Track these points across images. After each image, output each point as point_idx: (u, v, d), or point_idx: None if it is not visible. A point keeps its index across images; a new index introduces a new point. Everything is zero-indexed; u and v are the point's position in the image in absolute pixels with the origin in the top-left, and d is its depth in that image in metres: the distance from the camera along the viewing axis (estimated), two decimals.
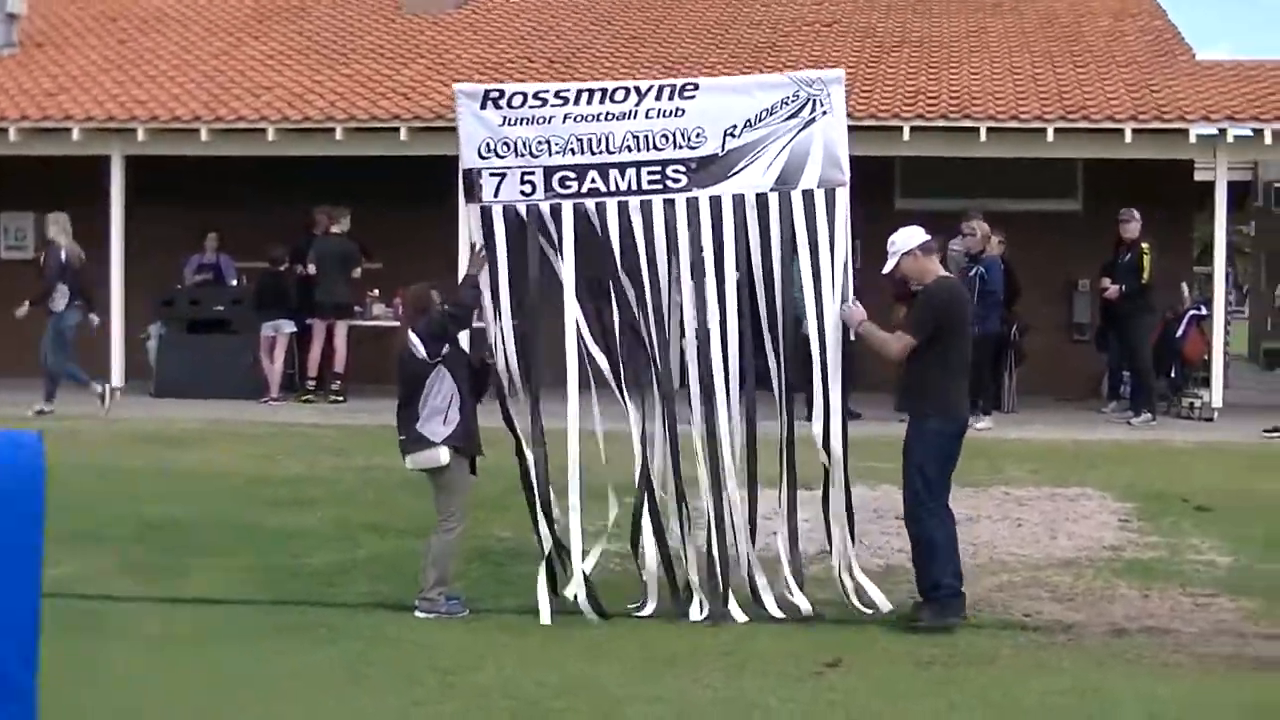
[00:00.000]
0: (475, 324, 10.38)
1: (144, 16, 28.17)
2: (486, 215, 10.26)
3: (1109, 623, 10.28)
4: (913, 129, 20.83)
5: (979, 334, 19.27)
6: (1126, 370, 21.18)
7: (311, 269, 21.78)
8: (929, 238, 10.46)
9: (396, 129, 21.32)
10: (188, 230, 23.60)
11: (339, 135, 21.70)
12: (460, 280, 10.43)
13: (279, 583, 10.98)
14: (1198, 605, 10.73)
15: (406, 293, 10.78)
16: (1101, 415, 21.15)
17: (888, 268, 10.34)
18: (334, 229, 21.79)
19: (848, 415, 10.46)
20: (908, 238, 10.33)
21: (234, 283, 23.45)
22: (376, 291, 22.22)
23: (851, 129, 19.78)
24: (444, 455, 10.10)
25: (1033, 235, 22.30)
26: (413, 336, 10.08)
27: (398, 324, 11.02)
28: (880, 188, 22.61)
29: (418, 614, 10.06)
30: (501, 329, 10.21)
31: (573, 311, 10.24)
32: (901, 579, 11.16)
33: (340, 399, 21.45)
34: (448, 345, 10.09)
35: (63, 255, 20.26)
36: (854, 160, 20.22)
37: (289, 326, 21.93)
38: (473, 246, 10.43)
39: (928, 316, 10.16)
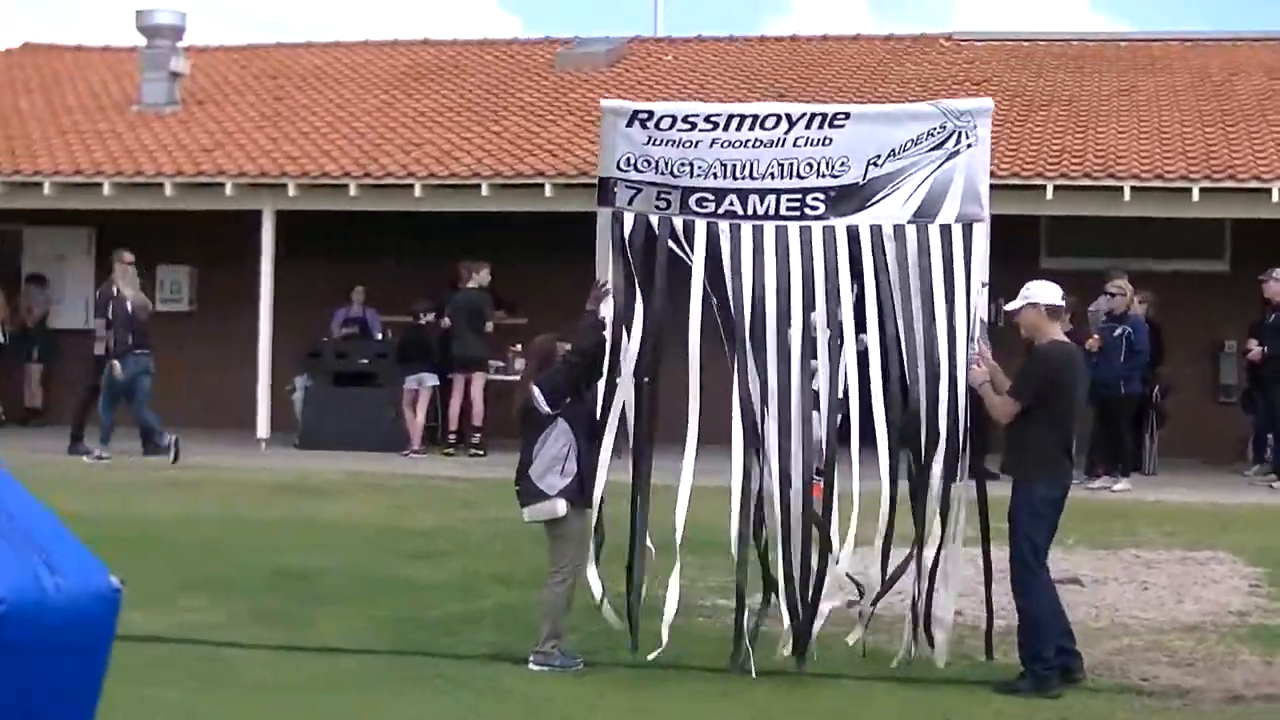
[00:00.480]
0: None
1: (302, 74, 28.78)
2: (618, 221, 10.06)
3: (1227, 689, 10.18)
4: (1056, 188, 20.76)
5: (1123, 394, 19.25)
6: (1270, 433, 20.89)
7: (446, 322, 22.14)
8: (1060, 303, 10.27)
9: (541, 185, 21.59)
10: (335, 284, 24.01)
11: (485, 191, 22.02)
12: (581, 320, 10.37)
13: (402, 633, 11.17)
14: None
15: (533, 344, 10.84)
16: (1244, 478, 20.89)
17: (1013, 306, 10.18)
18: (471, 283, 22.11)
19: (984, 475, 10.34)
20: (1041, 290, 10.16)
21: (379, 336, 23.85)
22: (519, 346, 22.46)
23: (995, 187, 19.95)
24: (561, 507, 10.12)
25: (1179, 295, 22.12)
26: (534, 388, 10.17)
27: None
28: (1026, 247, 22.52)
29: (532, 666, 10.13)
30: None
31: (695, 335, 9.96)
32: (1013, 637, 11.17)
33: (480, 453, 21.71)
34: (569, 397, 10.14)
35: (128, 306, 20.84)
36: (998, 219, 20.29)
37: (431, 379, 22.28)
38: (596, 282, 10.31)
39: (1033, 379, 10.02)
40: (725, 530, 9.96)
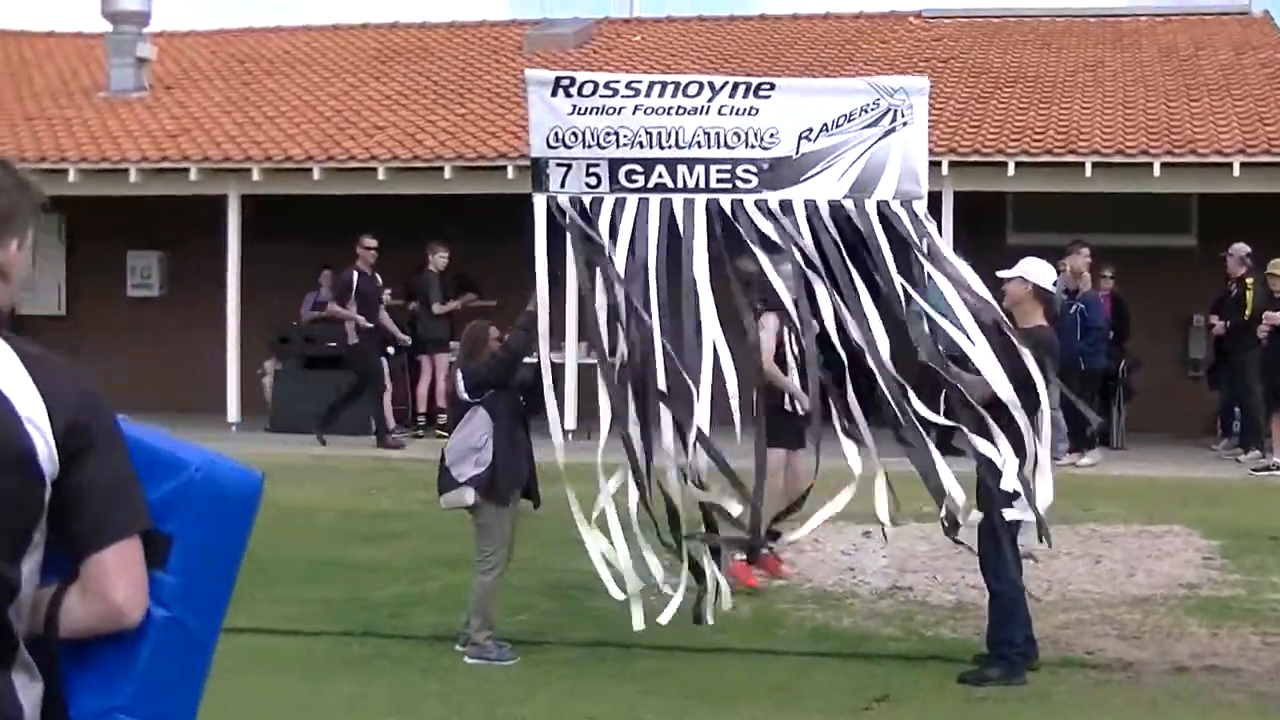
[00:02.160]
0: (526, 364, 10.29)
1: (271, 58, 28.70)
2: (550, 206, 9.89)
3: (1172, 661, 10.21)
4: (1018, 164, 20.74)
5: (1082, 369, 19.20)
6: (1237, 407, 20.88)
7: (413, 305, 22.12)
8: (1050, 289, 10.20)
9: (504, 167, 21.53)
10: (304, 268, 23.91)
11: (447, 174, 21.96)
12: (520, 316, 10.27)
13: (348, 614, 11.16)
14: (1267, 644, 10.62)
15: (465, 330, 10.72)
16: (1213, 453, 20.88)
17: (1006, 273, 10.07)
18: (430, 266, 22.06)
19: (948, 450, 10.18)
20: (1037, 270, 10.09)
21: None
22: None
23: (958, 164, 20.31)
24: (469, 496, 9.99)
25: (1147, 270, 22.08)
26: (458, 375, 10.14)
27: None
28: (992, 223, 22.53)
29: (467, 660, 9.98)
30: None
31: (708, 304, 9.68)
32: (969, 615, 11.17)
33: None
34: (493, 389, 10.04)
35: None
36: (963, 195, 20.35)
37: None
38: (535, 286, 10.16)
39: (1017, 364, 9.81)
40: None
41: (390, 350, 21.91)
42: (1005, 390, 9.30)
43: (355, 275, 21.12)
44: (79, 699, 3.25)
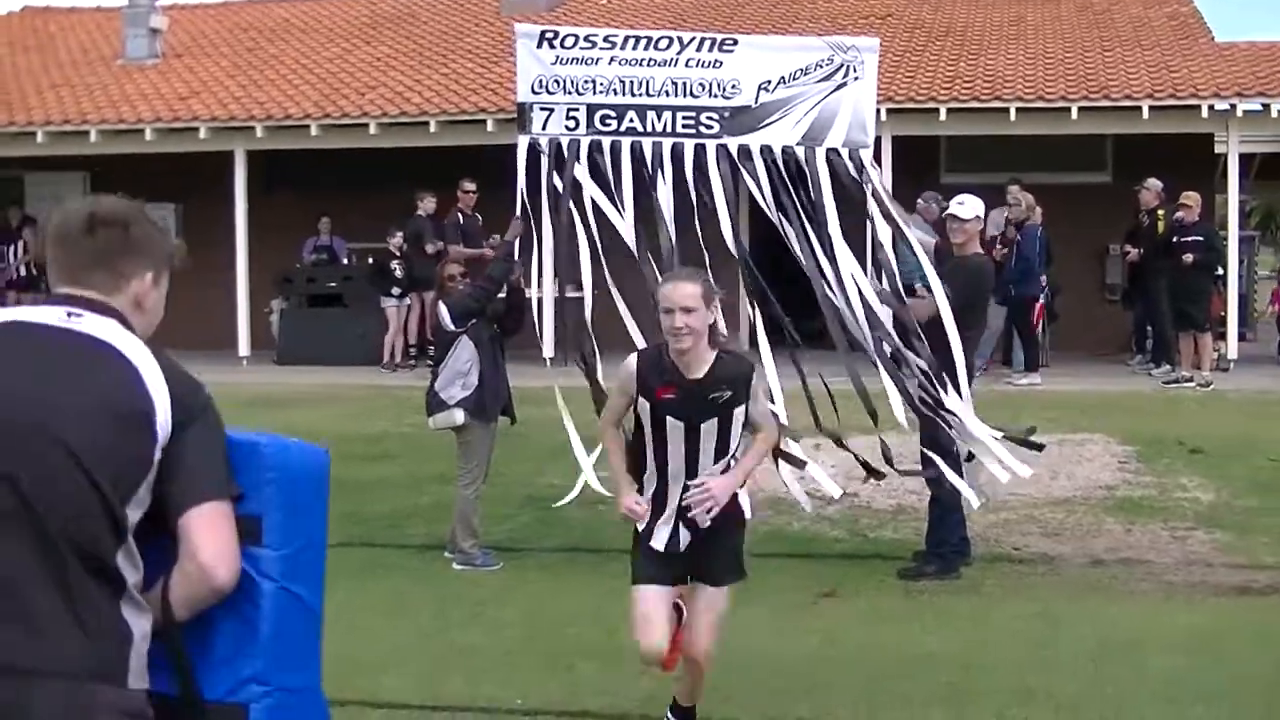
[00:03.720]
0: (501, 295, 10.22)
1: (272, 26, 28.48)
2: (533, 148, 9.87)
3: (1090, 555, 10.21)
4: (949, 110, 20.68)
5: (1015, 296, 19.17)
6: (1150, 326, 20.89)
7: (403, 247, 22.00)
8: (978, 218, 10.13)
9: (484, 121, 21.39)
10: (304, 216, 23.77)
11: (433, 128, 21.83)
12: (499, 248, 10.25)
13: (345, 527, 11.04)
14: (1175, 538, 10.63)
15: (439, 268, 10.72)
16: (1128, 368, 20.90)
17: (966, 213, 9.97)
18: (419, 211, 21.87)
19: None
20: (959, 205, 10.05)
21: (345, 261, 23.66)
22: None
23: (895, 111, 20.25)
24: (459, 416, 9.96)
25: (1068, 205, 22.00)
26: (441, 308, 10.08)
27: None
28: (928, 164, 22.46)
29: (455, 566, 9.97)
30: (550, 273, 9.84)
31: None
32: (909, 518, 11.15)
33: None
34: (475, 318, 10.01)
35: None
36: (900, 139, 20.29)
37: (392, 301, 22.06)
38: (515, 217, 10.12)
39: (966, 289, 9.76)
40: None
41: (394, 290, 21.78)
42: (944, 311, 9.34)
43: (459, 216, 20.85)
44: (212, 680, 3.26)
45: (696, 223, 9.73)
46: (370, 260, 23.05)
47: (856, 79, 9.85)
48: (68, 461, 3.12)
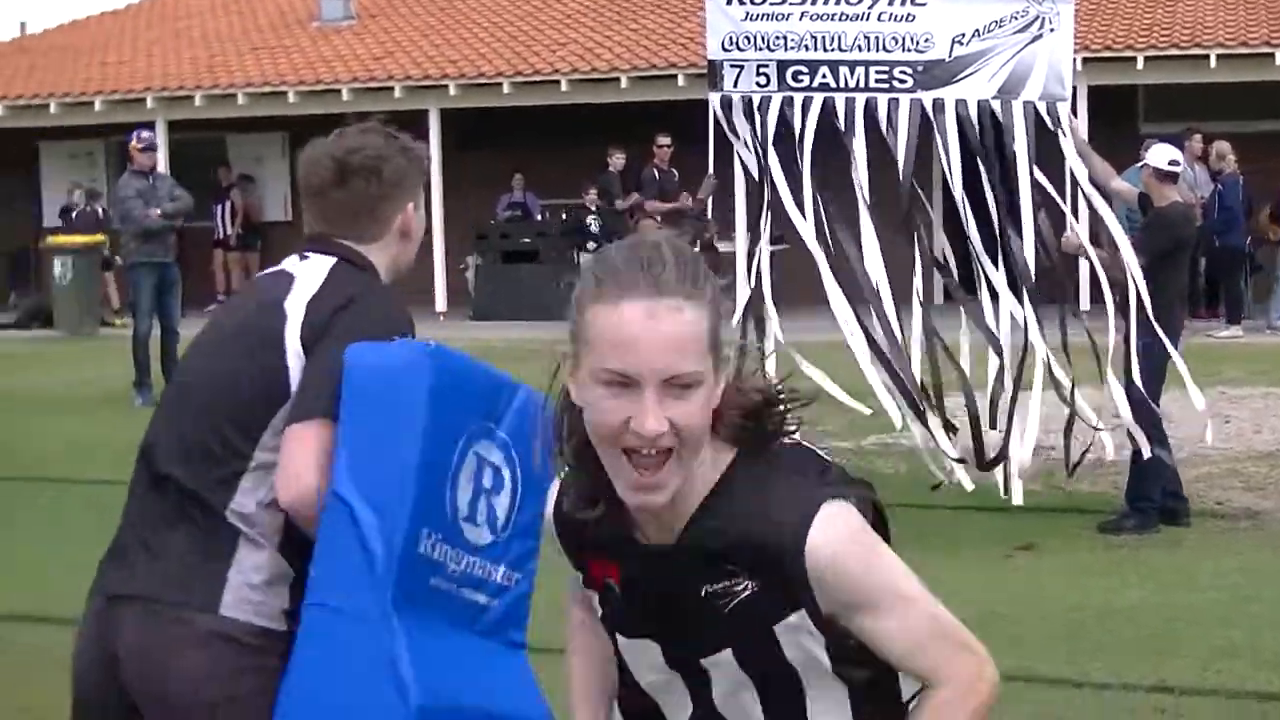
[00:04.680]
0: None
1: None
2: (726, 104, 9.83)
3: None
4: (1146, 58, 20.27)
5: (1217, 247, 18.78)
6: None
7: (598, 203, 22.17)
8: (1170, 168, 9.83)
9: (675, 76, 21.43)
10: (498, 172, 24.02)
11: (624, 84, 21.93)
12: (690, 208, 10.27)
13: None
14: None
15: (630, 222, 10.71)
16: None
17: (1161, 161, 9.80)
18: (610, 168, 21.99)
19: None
20: (1154, 154, 9.91)
21: (539, 217, 23.88)
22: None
23: (1091, 60, 19.85)
24: None
25: (1271, 154, 21.43)
26: None
27: None
28: (1125, 114, 22.03)
29: None
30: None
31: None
32: (1106, 472, 11.01)
33: None
34: None
35: None
36: (1096, 89, 19.92)
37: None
38: (709, 174, 10.15)
39: (1155, 239, 9.70)
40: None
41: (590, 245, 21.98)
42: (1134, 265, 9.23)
43: (655, 171, 20.97)
44: (306, 589, 3.13)
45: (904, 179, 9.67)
46: (564, 216, 23.28)
47: (1052, 30, 9.73)
48: (182, 388, 3.25)
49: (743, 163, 9.80)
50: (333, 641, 3.05)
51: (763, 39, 9.83)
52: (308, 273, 3.23)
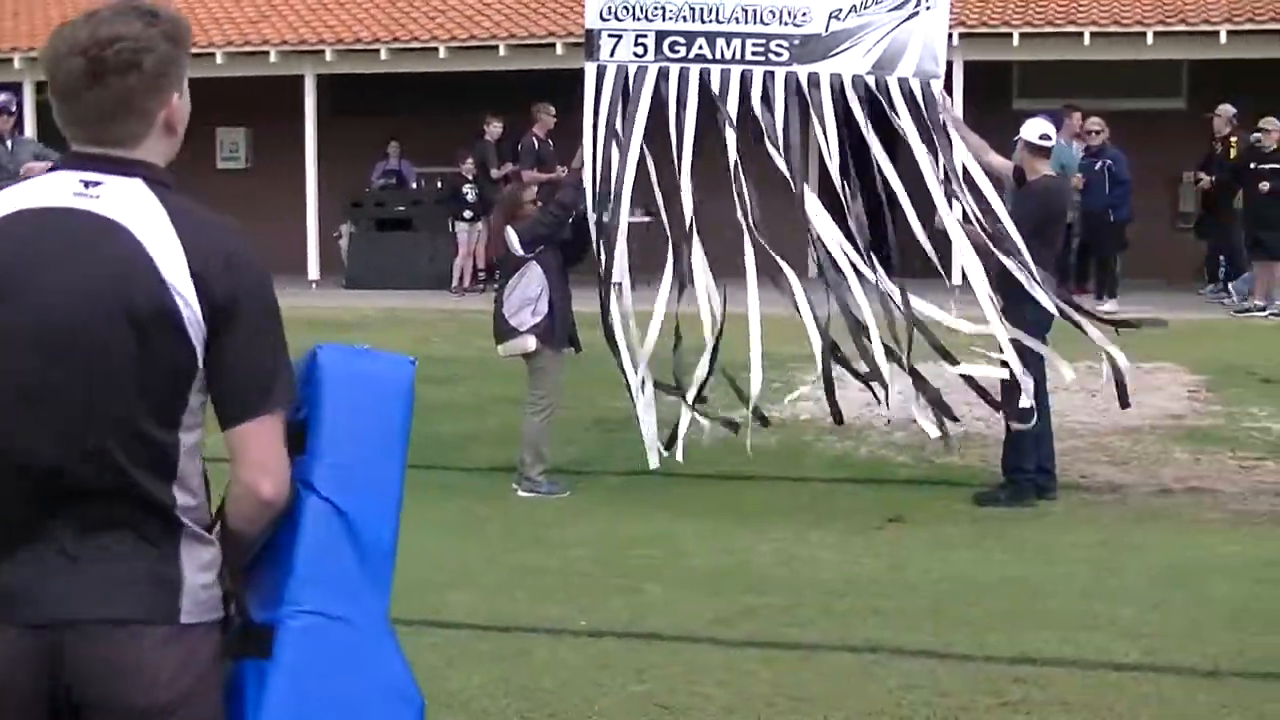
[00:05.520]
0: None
1: None
2: (601, 74, 9.77)
3: (1157, 484, 10.21)
4: (1022, 35, 20.51)
5: (1111, 221, 19.02)
6: (1222, 255, 20.72)
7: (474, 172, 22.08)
8: (1042, 142, 9.96)
9: (553, 44, 21.36)
10: (373, 140, 23.83)
11: (502, 52, 21.84)
12: (568, 175, 10.23)
13: (416, 448, 11.00)
14: (1243, 468, 10.60)
15: (501, 194, 10.69)
16: (1201, 297, 20.72)
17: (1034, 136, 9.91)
18: (486, 136, 21.91)
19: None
20: (1027, 128, 9.99)
21: (414, 185, 23.75)
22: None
23: (967, 35, 20.02)
24: (531, 343, 9.91)
25: (1141, 132, 21.76)
26: (510, 233, 9.98)
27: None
28: (999, 90, 22.27)
29: (520, 493, 9.93)
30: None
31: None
32: (975, 445, 11.14)
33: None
34: (543, 244, 9.93)
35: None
36: (972, 64, 20.09)
37: (463, 226, 22.12)
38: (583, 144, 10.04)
39: (1030, 213, 9.77)
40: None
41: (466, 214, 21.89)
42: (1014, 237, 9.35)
43: (534, 140, 20.78)
44: (255, 599, 3.06)
45: (774, 151, 9.68)
46: (439, 184, 23.15)
47: (928, 8, 9.79)
48: (31, 390, 2.87)
49: (614, 132, 9.75)
50: (331, 650, 3.06)
51: (641, 9, 9.80)
52: (135, 215, 2.89)
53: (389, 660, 3.10)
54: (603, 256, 9.43)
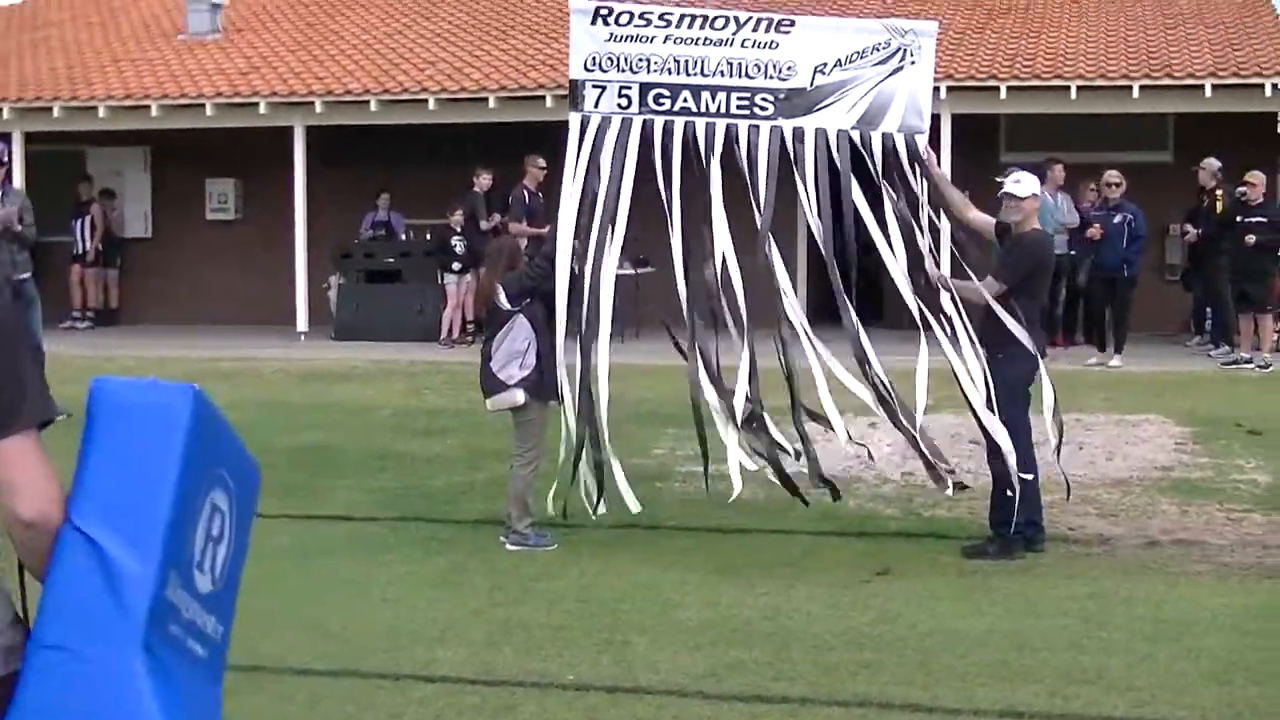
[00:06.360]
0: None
1: (332, 1, 28.52)
2: (584, 124, 9.83)
3: (1145, 536, 10.21)
4: (1009, 88, 20.61)
5: (1126, 276, 19.07)
6: (1209, 307, 20.78)
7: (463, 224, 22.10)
8: (1034, 196, 10.06)
9: (543, 97, 21.43)
10: (363, 191, 23.89)
11: (492, 104, 21.89)
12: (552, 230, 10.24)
13: (406, 502, 11.20)
14: (1231, 520, 10.60)
15: (494, 244, 10.72)
16: (1187, 349, 20.78)
17: (1022, 191, 9.88)
18: (475, 188, 21.93)
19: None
20: (1025, 182, 9.99)
21: (404, 237, 23.77)
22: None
23: (955, 88, 20.14)
24: (519, 396, 9.89)
25: (1128, 184, 21.80)
26: (498, 287, 9.99)
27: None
28: (987, 143, 22.38)
29: (508, 547, 9.89)
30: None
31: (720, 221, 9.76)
32: (964, 498, 11.13)
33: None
34: (530, 297, 9.93)
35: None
36: (960, 117, 20.20)
37: (451, 277, 22.14)
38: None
39: (1023, 265, 9.79)
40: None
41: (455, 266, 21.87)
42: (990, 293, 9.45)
43: (524, 193, 20.76)
44: (35, 628, 2.98)
45: (753, 203, 9.75)
46: (428, 236, 23.19)
47: (913, 63, 9.86)
48: None
49: (596, 182, 9.77)
50: (71, 687, 2.93)
51: (625, 60, 9.85)
52: None
53: (135, 702, 2.94)
54: (584, 308, 9.48)
